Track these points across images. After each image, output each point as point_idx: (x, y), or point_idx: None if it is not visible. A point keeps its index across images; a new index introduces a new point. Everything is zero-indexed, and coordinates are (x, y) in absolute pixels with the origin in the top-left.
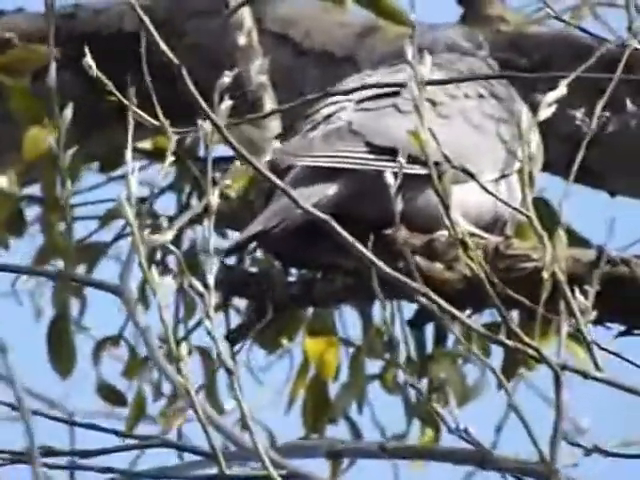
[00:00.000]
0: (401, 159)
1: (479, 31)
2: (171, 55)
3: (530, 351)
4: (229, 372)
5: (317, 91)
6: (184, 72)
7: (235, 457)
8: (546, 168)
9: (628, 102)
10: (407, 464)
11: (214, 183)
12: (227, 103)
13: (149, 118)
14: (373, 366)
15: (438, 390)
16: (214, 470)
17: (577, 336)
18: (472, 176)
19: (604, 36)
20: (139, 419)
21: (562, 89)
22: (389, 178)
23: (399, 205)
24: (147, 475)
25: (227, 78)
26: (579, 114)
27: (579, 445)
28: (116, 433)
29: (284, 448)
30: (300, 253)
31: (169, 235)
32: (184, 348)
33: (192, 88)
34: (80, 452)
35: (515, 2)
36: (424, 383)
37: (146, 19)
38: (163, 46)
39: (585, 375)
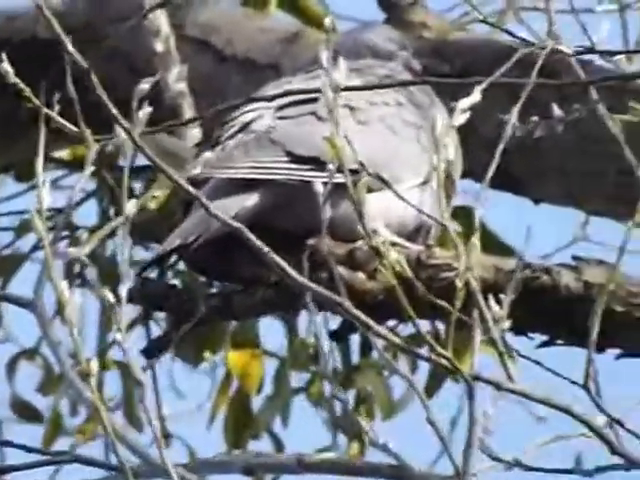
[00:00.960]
0: (330, 169)
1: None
2: (80, 59)
3: (443, 362)
4: (139, 385)
5: (239, 98)
6: (93, 77)
7: (146, 474)
8: (470, 175)
9: (555, 107)
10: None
11: (132, 194)
12: (146, 110)
13: (69, 125)
14: (299, 379)
15: (364, 403)
16: None
17: (507, 347)
18: (387, 184)
19: (530, 39)
20: (56, 435)
21: (476, 95)
22: (318, 187)
23: (326, 215)
24: None
25: (146, 84)
26: (513, 119)
27: (500, 460)
28: (26, 449)
29: (199, 464)
30: (221, 266)
31: (85, 249)
32: (94, 364)
33: (103, 95)
34: None
35: (438, 7)
36: (350, 395)
37: (56, 24)
38: (71, 49)
39: (498, 386)
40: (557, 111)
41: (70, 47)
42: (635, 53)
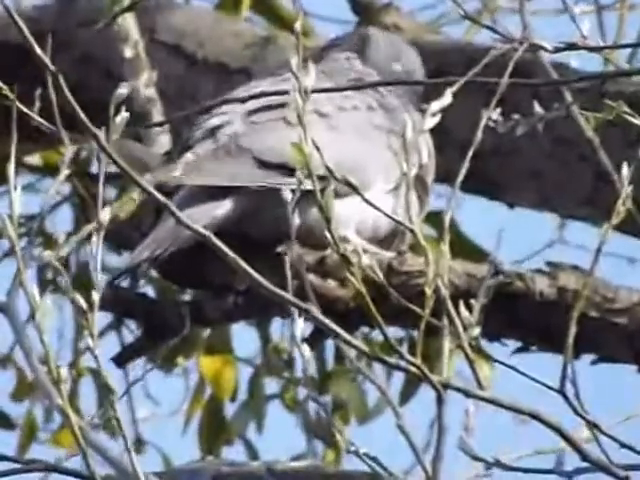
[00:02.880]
0: (299, 176)
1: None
2: (48, 62)
3: (412, 369)
4: (110, 391)
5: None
6: (61, 80)
7: None
8: (444, 179)
9: (536, 105)
10: None
11: (104, 201)
12: (123, 115)
13: (46, 124)
14: (272, 385)
15: (339, 409)
16: None
17: (483, 353)
18: (355, 189)
19: (510, 36)
20: (30, 442)
21: (447, 98)
22: (287, 194)
23: (294, 222)
24: None
25: (124, 89)
26: (495, 115)
27: (480, 459)
28: None
29: (170, 472)
30: (193, 273)
31: (60, 252)
32: (65, 371)
33: (72, 99)
34: None
35: (411, 8)
36: (325, 401)
37: (25, 28)
38: (39, 53)
39: (467, 393)
40: (538, 109)
41: (38, 51)
42: (616, 48)
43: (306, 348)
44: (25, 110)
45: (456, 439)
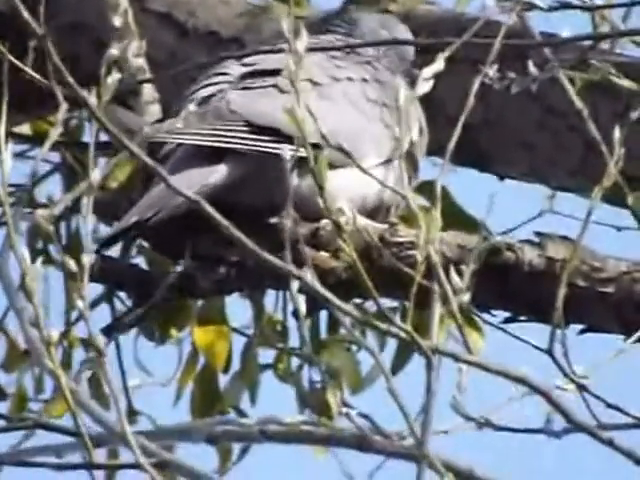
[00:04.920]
0: (295, 141)
1: (367, 10)
2: (36, 26)
3: (403, 334)
4: (100, 354)
5: (202, 72)
6: (49, 44)
7: (106, 441)
8: (436, 152)
9: (530, 65)
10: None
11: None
12: (115, 77)
13: (40, 77)
14: (265, 355)
15: (332, 378)
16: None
17: (472, 320)
18: (349, 155)
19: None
20: (22, 411)
21: (440, 64)
22: (286, 153)
23: (292, 183)
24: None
25: (115, 50)
26: (492, 72)
27: (472, 419)
28: None
29: (161, 432)
30: (182, 244)
31: (53, 211)
32: (55, 333)
33: (58, 61)
34: None
35: None
36: (319, 366)
37: None
38: (27, 16)
39: (456, 358)
40: (532, 69)
41: (26, 15)
42: (609, 8)
43: (303, 304)
44: (19, 64)
45: (446, 402)
